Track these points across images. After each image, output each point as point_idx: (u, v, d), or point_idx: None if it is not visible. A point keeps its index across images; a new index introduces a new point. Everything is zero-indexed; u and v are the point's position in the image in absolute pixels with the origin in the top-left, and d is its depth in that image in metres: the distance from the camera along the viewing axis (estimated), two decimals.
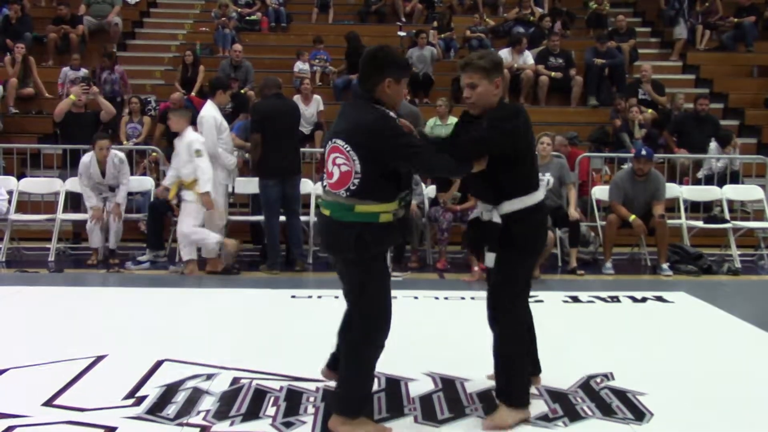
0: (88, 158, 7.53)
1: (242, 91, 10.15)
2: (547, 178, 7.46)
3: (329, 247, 3.25)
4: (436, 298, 6.01)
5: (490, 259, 3.31)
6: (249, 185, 7.96)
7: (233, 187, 7.35)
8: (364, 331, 3.16)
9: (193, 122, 7.62)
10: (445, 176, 3.71)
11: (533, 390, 3.70)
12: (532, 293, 5.98)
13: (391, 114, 3.13)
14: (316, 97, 9.92)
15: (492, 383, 3.58)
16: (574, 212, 7.33)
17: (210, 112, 6.86)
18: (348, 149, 3.04)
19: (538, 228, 3.40)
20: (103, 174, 7.51)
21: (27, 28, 11.73)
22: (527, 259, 3.41)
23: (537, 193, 3.34)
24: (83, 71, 9.45)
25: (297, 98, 9.33)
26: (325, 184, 3.18)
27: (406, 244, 7.39)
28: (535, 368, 3.74)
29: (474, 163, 3.21)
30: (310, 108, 9.76)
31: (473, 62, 3.27)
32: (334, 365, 3.44)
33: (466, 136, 3.26)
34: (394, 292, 2.93)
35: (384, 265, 3.27)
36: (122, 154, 7.75)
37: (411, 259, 7.57)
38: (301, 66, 11.30)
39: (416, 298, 5.96)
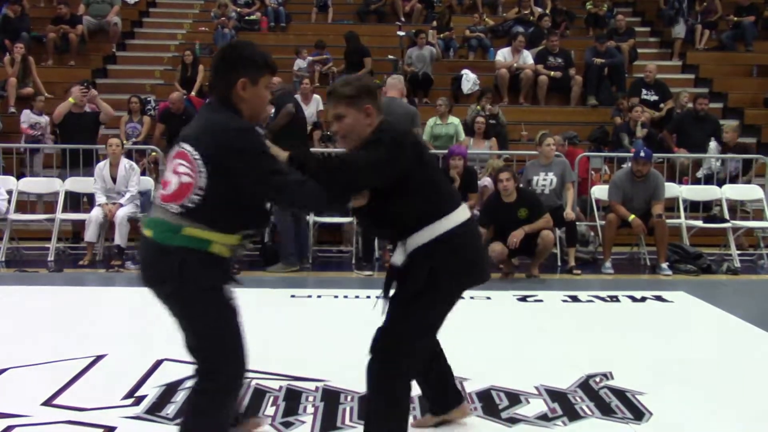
0: (102, 164, 7.67)
1: None
2: (550, 178, 7.50)
3: (146, 278, 2.61)
4: None
5: (398, 256, 2.78)
6: None
7: None
8: (210, 381, 2.58)
9: None
10: (316, 211, 3.17)
11: (533, 390, 3.70)
12: (531, 293, 6.10)
13: (255, 128, 2.62)
14: (316, 96, 9.93)
15: (491, 383, 3.57)
16: (570, 212, 7.33)
17: None
18: (196, 157, 2.48)
19: (460, 258, 2.76)
20: (114, 180, 7.57)
21: (26, 27, 11.73)
22: (441, 300, 2.79)
23: (453, 215, 2.75)
24: (45, 117, 9.29)
25: (296, 97, 9.31)
26: (156, 195, 2.65)
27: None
28: (456, 397, 3.26)
29: (351, 199, 2.73)
30: (310, 107, 9.75)
31: (336, 90, 2.81)
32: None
33: (344, 168, 2.68)
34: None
35: (217, 297, 2.59)
36: (135, 164, 7.85)
37: None
38: (301, 64, 11.30)
39: None
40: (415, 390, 3.67)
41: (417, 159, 2.74)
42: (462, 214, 2.81)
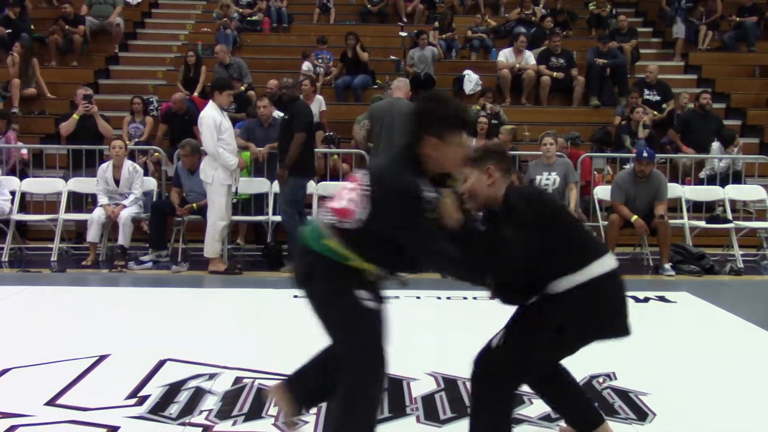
0: (106, 165, 7.68)
1: (242, 88, 10.14)
2: (552, 178, 7.50)
3: (295, 276, 2.78)
4: (438, 298, 6.02)
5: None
6: (250, 185, 8.00)
7: (237, 188, 7.38)
8: (354, 376, 2.65)
9: (195, 122, 7.64)
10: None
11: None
12: None
13: (424, 189, 2.56)
14: (319, 97, 9.89)
15: None
16: (573, 213, 7.34)
17: (209, 112, 6.90)
18: (367, 193, 2.58)
19: (591, 314, 2.75)
20: (117, 182, 7.58)
21: (26, 28, 11.73)
22: (563, 344, 2.81)
23: (591, 267, 2.72)
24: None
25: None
26: (325, 209, 2.76)
27: None
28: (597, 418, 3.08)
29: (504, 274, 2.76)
30: (312, 108, 9.73)
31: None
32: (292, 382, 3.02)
33: (497, 255, 2.69)
34: (396, 292, 2.81)
35: (347, 298, 2.64)
36: (138, 166, 7.86)
37: None
38: (309, 66, 11.31)
39: (418, 297, 5.96)
40: (418, 391, 3.69)
41: (550, 219, 2.76)
42: (602, 265, 2.76)
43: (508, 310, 2.97)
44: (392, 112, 6.91)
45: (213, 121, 6.83)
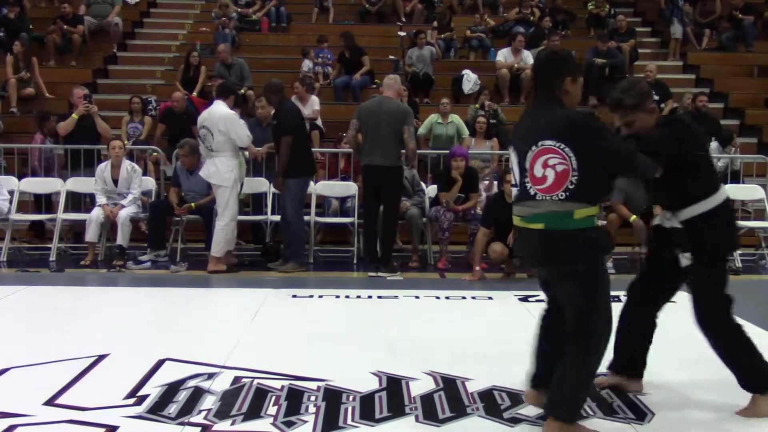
0: (104, 165, 7.67)
1: (242, 91, 10.13)
2: None
3: (547, 260, 3.12)
4: (437, 297, 6.02)
5: (685, 259, 3.38)
6: (250, 185, 8.00)
7: (241, 185, 7.40)
8: (592, 341, 3.06)
9: (194, 122, 7.63)
10: (639, 177, 3.62)
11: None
12: (533, 292, 6.09)
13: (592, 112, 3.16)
14: (313, 97, 9.86)
15: (493, 383, 3.55)
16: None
17: (232, 111, 7.05)
18: (562, 147, 2.97)
19: (724, 229, 3.42)
20: (116, 182, 7.57)
21: (25, 28, 11.71)
22: (717, 264, 3.41)
23: (717, 195, 3.37)
24: None
25: (293, 99, 9.25)
26: (533, 192, 3.04)
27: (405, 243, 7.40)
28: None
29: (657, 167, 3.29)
30: (306, 109, 9.70)
31: (622, 104, 3.41)
32: (538, 383, 3.36)
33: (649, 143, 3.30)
34: (394, 292, 2.85)
35: (603, 266, 3.13)
36: (137, 165, 7.85)
37: (412, 258, 7.58)
38: (309, 65, 11.29)
39: (417, 297, 5.96)
40: (417, 390, 3.69)
41: (696, 142, 3.38)
42: (725, 192, 3.43)
43: (507, 311, 2.98)
44: (378, 112, 6.89)
45: (235, 115, 7.03)
